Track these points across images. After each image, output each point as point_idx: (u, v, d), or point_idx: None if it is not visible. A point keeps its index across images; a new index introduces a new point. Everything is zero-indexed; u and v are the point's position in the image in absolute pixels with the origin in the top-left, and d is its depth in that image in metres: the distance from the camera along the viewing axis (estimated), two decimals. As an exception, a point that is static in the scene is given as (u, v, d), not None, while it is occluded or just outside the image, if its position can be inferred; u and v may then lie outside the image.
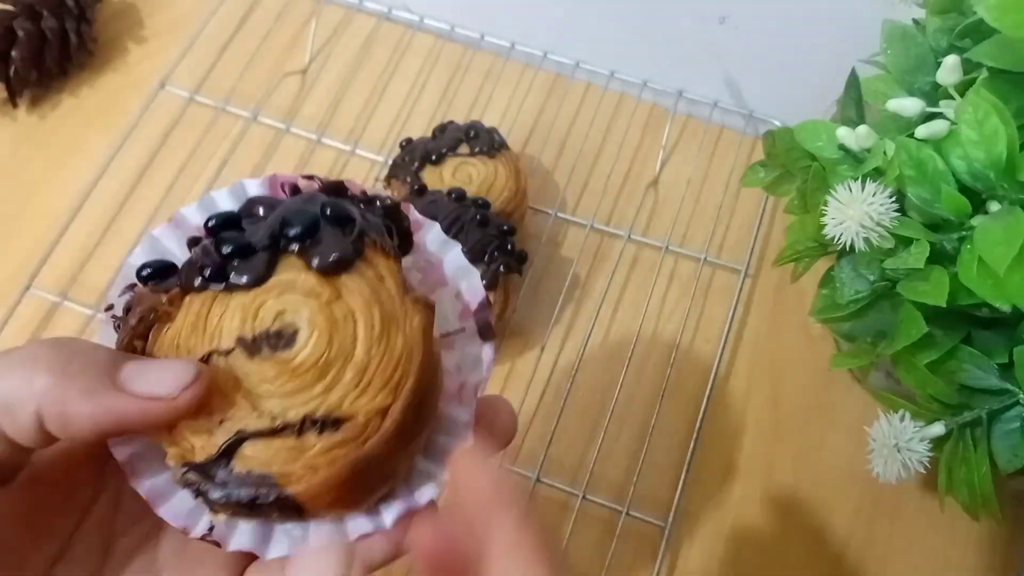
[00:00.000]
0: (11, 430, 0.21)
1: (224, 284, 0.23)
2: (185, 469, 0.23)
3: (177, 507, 0.24)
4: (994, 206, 0.33)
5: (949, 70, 0.35)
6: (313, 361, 0.23)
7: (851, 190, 0.34)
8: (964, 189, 0.34)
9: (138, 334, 0.24)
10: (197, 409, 0.22)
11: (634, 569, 0.43)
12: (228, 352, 0.23)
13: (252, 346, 0.23)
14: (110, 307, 0.25)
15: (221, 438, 0.22)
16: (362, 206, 0.26)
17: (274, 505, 0.23)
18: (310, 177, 0.26)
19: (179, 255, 0.25)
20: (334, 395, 0.22)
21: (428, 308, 0.24)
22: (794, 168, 0.43)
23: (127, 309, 0.24)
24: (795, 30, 0.51)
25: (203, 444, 0.23)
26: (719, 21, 0.53)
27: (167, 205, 0.53)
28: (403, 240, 0.26)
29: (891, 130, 0.37)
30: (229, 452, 0.22)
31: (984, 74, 0.34)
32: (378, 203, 0.26)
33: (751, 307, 0.51)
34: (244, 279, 0.23)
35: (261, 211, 0.25)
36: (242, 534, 0.24)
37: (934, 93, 0.37)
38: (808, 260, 0.41)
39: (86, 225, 0.52)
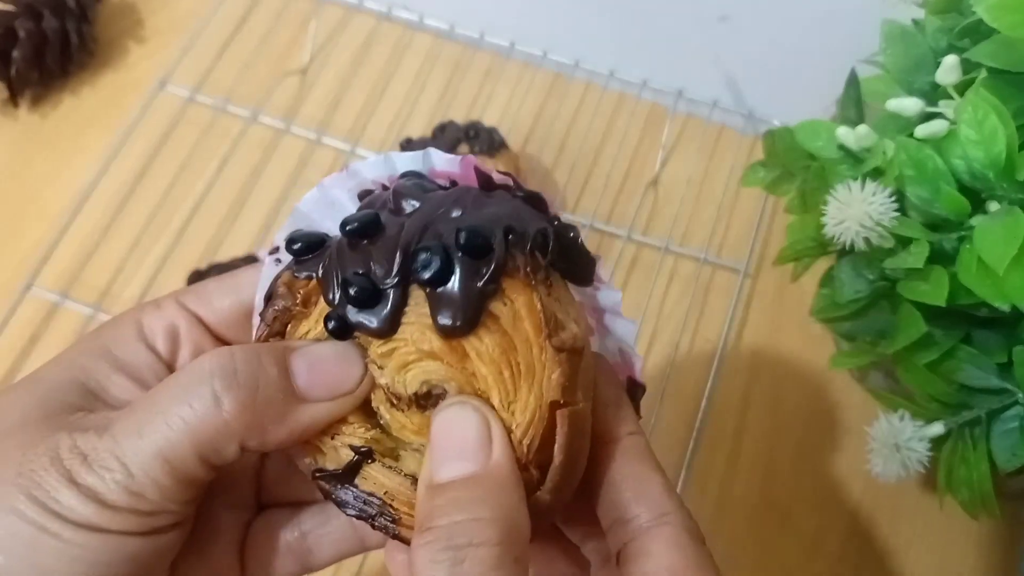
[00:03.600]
0: (217, 459, 0.22)
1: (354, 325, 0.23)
2: (314, 474, 0.23)
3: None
4: (993, 206, 0.33)
5: (948, 70, 0.35)
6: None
7: (851, 190, 0.34)
8: (963, 189, 0.34)
9: (274, 332, 0.24)
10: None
11: (634, 568, 0.43)
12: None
13: (398, 399, 0.23)
14: (275, 249, 0.25)
15: (348, 453, 0.23)
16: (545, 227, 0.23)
17: (384, 531, 0.23)
18: (507, 174, 0.24)
19: (348, 206, 0.25)
20: None
21: (574, 354, 0.22)
22: (794, 168, 0.43)
23: (268, 297, 0.24)
24: (795, 30, 0.51)
25: (332, 455, 0.23)
26: (719, 21, 0.53)
27: (167, 204, 0.53)
28: (585, 272, 0.25)
29: (891, 130, 0.37)
30: (356, 467, 0.23)
31: (983, 74, 0.34)
32: (561, 234, 0.24)
33: (751, 307, 0.51)
34: (372, 327, 0.22)
35: (406, 208, 0.23)
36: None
37: (933, 93, 0.37)
38: (808, 260, 0.41)
39: (87, 224, 0.52)
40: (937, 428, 0.34)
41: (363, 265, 0.22)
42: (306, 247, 0.24)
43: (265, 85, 0.57)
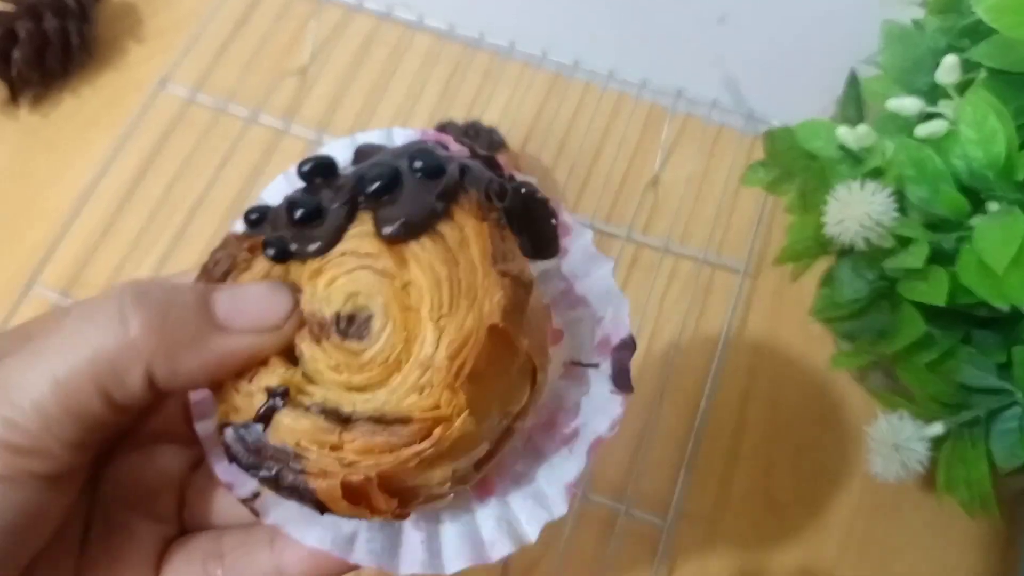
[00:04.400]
0: (119, 394, 0.20)
1: (292, 253, 0.22)
2: (221, 428, 0.21)
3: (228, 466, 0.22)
4: (993, 206, 0.33)
5: (948, 70, 0.35)
6: (383, 359, 0.20)
7: (851, 190, 0.34)
8: (963, 189, 0.34)
9: (213, 277, 0.22)
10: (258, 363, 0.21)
11: (633, 569, 0.44)
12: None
13: (320, 327, 0.21)
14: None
15: (261, 401, 0.21)
16: (494, 183, 0.23)
17: (295, 491, 0.21)
18: (465, 142, 0.24)
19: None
20: (394, 393, 0.20)
21: (519, 284, 0.21)
22: (794, 168, 0.43)
23: (212, 254, 0.23)
24: (795, 30, 0.51)
25: (246, 404, 0.21)
26: (718, 21, 0.53)
27: (168, 204, 0.53)
28: (547, 243, 0.23)
29: (890, 130, 0.37)
30: (267, 418, 0.21)
31: (983, 74, 0.34)
32: (516, 189, 0.23)
33: (751, 307, 0.51)
34: (310, 248, 0.21)
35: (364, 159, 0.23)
36: (285, 511, 0.22)
37: (933, 93, 0.37)
38: (808, 260, 0.41)
39: (88, 224, 0.52)
40: (937, 428, 0.34)
41: (313, 197, 0.22)
42: (260, 217, 0.23)
43: (265, 85, 0.57)
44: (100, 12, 0.59)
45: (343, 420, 0.20)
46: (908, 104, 0.36)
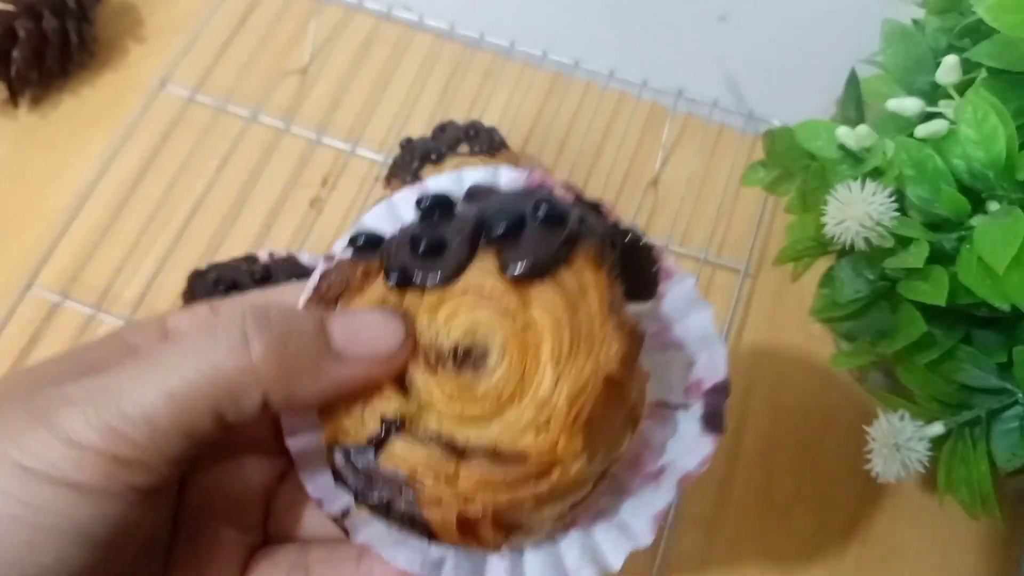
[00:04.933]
0: (232, 414, 0.20)
1: (414, 282, 0.22)
2: (330, 449, 0.22)
3: (321, 480, 0.23)
4: (993, 206, 0.33)
5: (948, 70, 0.35)
6: (498, 393, 0.21)
7: (851, 190, 0.34)
8: (963, 189, 0.34)
9: (326, 300, 0.23)
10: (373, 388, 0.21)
11: (634, 569, 0.43)
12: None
13: (436, 358, 0.21)
14: (330, 257, 0.24)
15: (375, 426, 0.21)
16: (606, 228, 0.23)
17: (405, 518, 0.21)
18: (572, 188, 0.24)
19: (413, 217, 0.24)
20: (509, 428, 0.21)
21: (634, 336, 0.21)
22: (794, 168, 0.43)
23: (323, 276, 0.23)
24: (795, 29, 0.51)
25: (356, 429, 0.21)
26: (719, 20, 0.53)
27: (168, 204, 0.53)
28: (645, 286, 0.24)
29: (891, 130, 0.37)
30: (380, 444, 0.21)
31: (983, 74, 0.34)
32: (623, 235, 0.24)
33: (751, 307, 0.51)
34: (432, 280, 0.22)
35: (478, 198, 0.24)
36: (374, 531, 0.23)
37: (933, 93, 0.37)
38: (808, 260, 0.41)
39: (87, 224, 0.52)
40: (937, 428, 0.34)
41: (436, 232, 0.22)
42: (368, 243, 0.23)
43: (265, 85, 0.57)
44: (100, 12, 0.59)
45: (458, 452, 0.21)
46: (908, 104, 0.36)
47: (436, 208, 0.23)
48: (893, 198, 0.33)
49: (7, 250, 0.52)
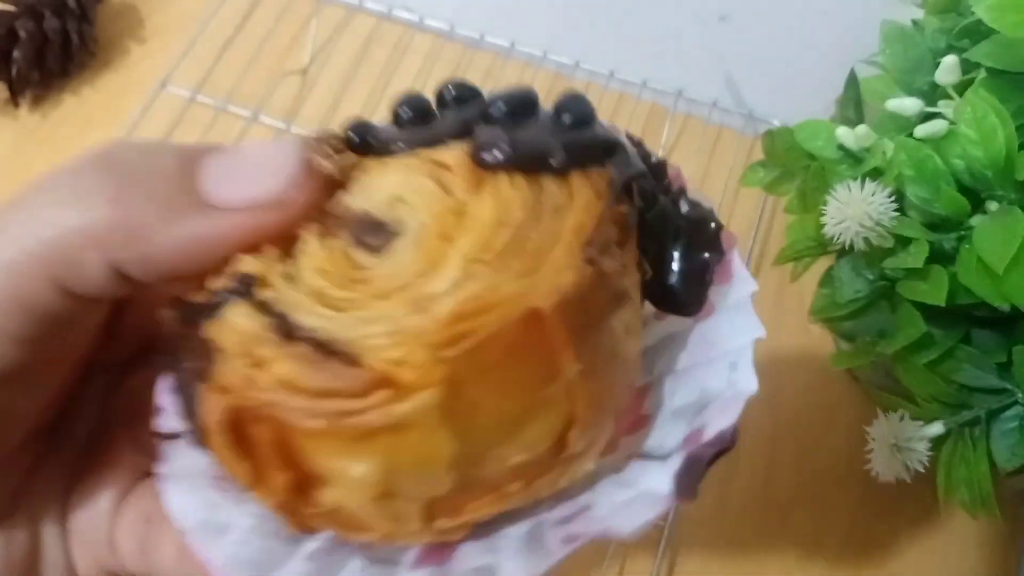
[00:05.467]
0: (77, 284, 0.16)
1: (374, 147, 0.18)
2: (171, 307, 0.17)
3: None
4: (993, 206, 0.33)
5: (948, 70, 0.35)
6: (380, 285, 0.16)
7: (850, 190, 0.34)
8: (963, 189, 0.34)
9: None
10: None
11: (634, 568, 0.43)
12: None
13: (339, 222, 0.17)
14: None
15: (225, 283, 0.16)
16: (664, 195, 0.18)
17: (188, 401, 0.16)
18: (635, 139, 0.20)
19: None
20: (360, 324, 0.15)
21: (604, 287, 0.16)
22: (794, 168, 0.43)
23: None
24: (795, 30, 0.51)
25: (210, 286, 0.17)
26: (719, 21, 0.53)
27: (168, 205, 0.53)
28: (689, 292, 0.18)
29: (890, 130, 0.37)
30: (215, 307, 0.16)
31: (982, 74, 0.34)
32: (675, 203, 0.19)
33: (753, 297, 0.51)
34: (395, 145, 0.18)
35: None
36: (187, 463, 0.18)
37: (933, 93, 0.37)
38: (808, 260, 0.41)
39: (87, 225, 0.52)
40: (937, 428, 0.34)
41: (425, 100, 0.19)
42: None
43: (266, 85, 0.57)
44: (100, 12, 0.59)
45: (291, 336, 0.15)
46: (908, 104, 0.36)
47: (459, 98, 0.19)
48: (892, 198, 0.33)
49: (8, 250, 0.52)
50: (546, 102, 0.19)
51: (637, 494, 0.17)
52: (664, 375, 0.19)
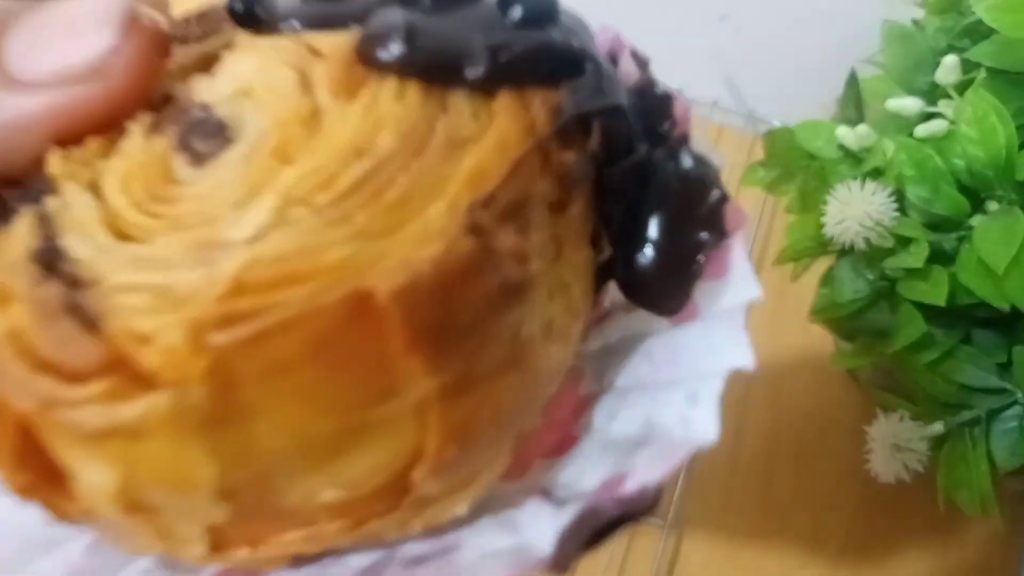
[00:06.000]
0: None
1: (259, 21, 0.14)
2: None
3: None
4: (993, 206, 0.33)
5: (948, 70, 0.35)
6: (185, 214, 0.12)
7: (851, 190, 0.34)
8: (963, 189, 0.34)
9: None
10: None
11: (634, 568, 0.43)
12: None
13: (173, 115, 0.13)
14: None
15: (17, 191, 0.13)
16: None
17: None
18: (640, 58, 0.15)
19: None
20: (128, 269, 0.11)
21: (492, 264, 0.11)
22: (794, 168, 0.43)
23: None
24: (795, 30, 0.51)
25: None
26: (719, 20, 0.53)
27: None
28: (674, 279, 0.14)
29: (890, 130, 0.37)
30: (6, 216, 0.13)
31: (983, 74, 0.34)
32: (688, 158, 0.14)
33: (751, 306, 0.51)
34: (283, 19, 0.13)
35: None
36: None
37: (933, 93, 0.37)
38: (808, 260, 0.41)
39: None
40: (937, 428, 0.34)
41: None
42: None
43: (265, 85, 0.57)
44: (100, 12, 0.59)
45: (49, 263, 0.11)
46: (908, 104, 0.36)
47: None
48: (893, 198, 0.33)
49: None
50: None
51: (513, 545, 0.13)
52: (610, 389, 0.15)
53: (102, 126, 0.13)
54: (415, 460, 0.11)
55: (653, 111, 0.15)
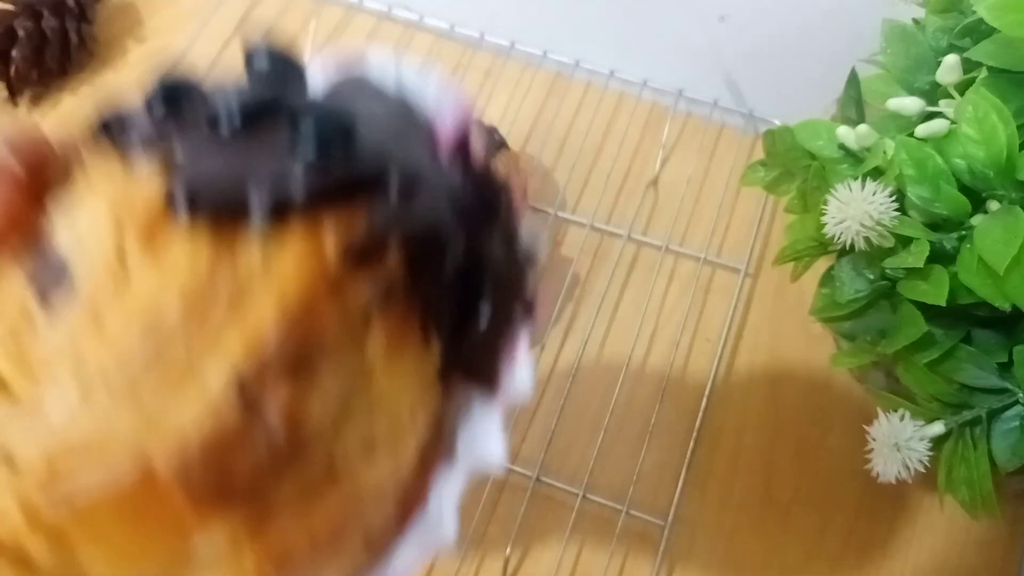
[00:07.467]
0: None
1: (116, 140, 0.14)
2: None
3: None
4: (994, 205, 0.33)
5: (949, 69, 0.35)
6: (32, 372, 0.12)
7: (851, 189, 0.34)
8: (964, 188, 0.34)
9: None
10: None
11: (634, 568, 0.43)
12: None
13: (36, 250, 0.13)
14: None
15: None
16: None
17: None
18: (490, 133, 0.15)
19: None
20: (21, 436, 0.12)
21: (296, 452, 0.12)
22: (794, 167, 0.43)
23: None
24: (795, 29, 0.51)
25: None
26: (719, 20, 0.53)
27: (167, 204, 0.53)
28: (484, 358, 0.14)
29: (891, 129, 0.37)
30: None
31: (984, 73, 0.34)
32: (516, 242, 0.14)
33: (751, 306, 0.51)
34: (133, 145, 0.14)
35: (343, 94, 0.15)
36: None
37: (934, 92, 0.37)
38: (808, 259, 0.41)
39: (86, 224, 0.52)
40: (937, 428, 0.34)
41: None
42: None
43: (265, 85, 0.57)
44: (99, 11, 0.59)
45: None
46: (909, 103, 0.36)
47: (273, 77, 0.15)
48: (893, 198, 0.33)
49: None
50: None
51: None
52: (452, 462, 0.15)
53: None
54: None
55: (488, 202, 0.15)
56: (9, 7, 0.54)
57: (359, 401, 0.13)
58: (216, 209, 0.12)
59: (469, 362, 0.14)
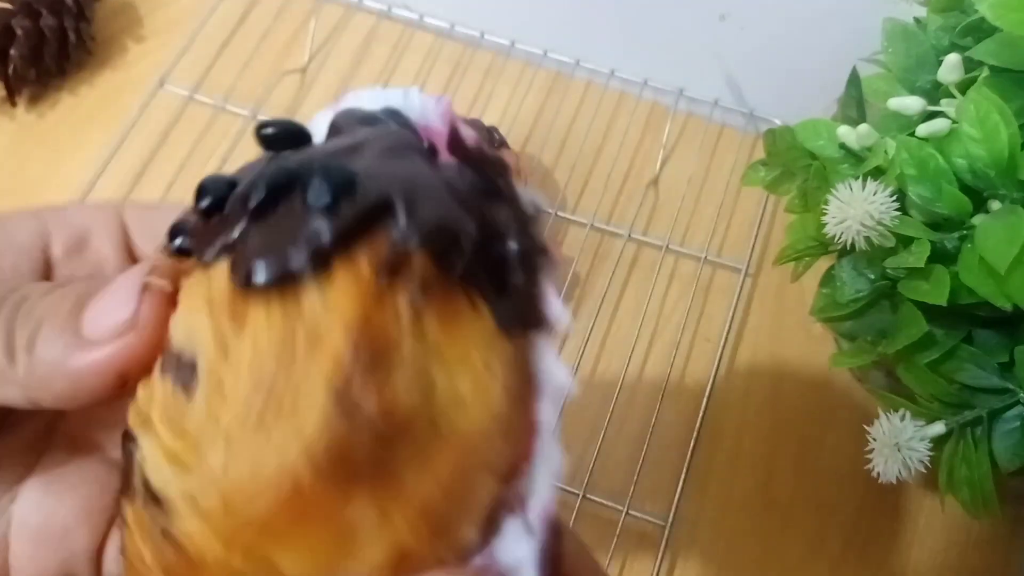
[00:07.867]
0: (11, 405, 0.18)
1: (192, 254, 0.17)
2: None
3: None
4: (995, 205, 0.33)
5: (950, 68, 0.35)
6: (194, 443, 0.15)
7: (852, 189, 0.33)
8: (965, 188, 0.33)
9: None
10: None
11: (634, 568, 0.43)
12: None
13: (166, 354, 0.17)
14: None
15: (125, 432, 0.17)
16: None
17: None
18: (490, 132, 0.18)
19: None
20: (196, 488, 0.16)
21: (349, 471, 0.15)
22: (795, 167, 0.43)
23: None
24: (796, 28, 0.51)
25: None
26: (720, 19, 0.53)
27: (166, 204, 0.52)
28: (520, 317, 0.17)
29: (892, 129, 0.37)
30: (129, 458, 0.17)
31: (985, 72, 0.34)
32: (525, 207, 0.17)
33: (751, 306, 0.51)
34: (208, 253, 0.16)
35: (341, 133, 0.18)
36: None
37: (935, 92, 0.36)
38: (809, 259, 0.41)
39: (85, 224, 0.51)
40: (938, 428, 0.34)
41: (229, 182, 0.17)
42: (215, 203, 0.17)
43: (264, 84, 0.56)
44: (98, 10, 0.59)
45: (158, 502, 0.16)
46: (910, 103, 0.36)
47: (283, 142, 0.18)
48: (894, 197, 0.33)
49: (5, 249, 0.51)
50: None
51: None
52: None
53: (145, 364, 0.17)
54: (403, 552, 0.15)
55: (490, 173, 0.17)
56: (7, 6, 0.54)
57: (437, 370, 0.15)
58: (274, 277, 0.15)
59: (517, 310, 0.17)
